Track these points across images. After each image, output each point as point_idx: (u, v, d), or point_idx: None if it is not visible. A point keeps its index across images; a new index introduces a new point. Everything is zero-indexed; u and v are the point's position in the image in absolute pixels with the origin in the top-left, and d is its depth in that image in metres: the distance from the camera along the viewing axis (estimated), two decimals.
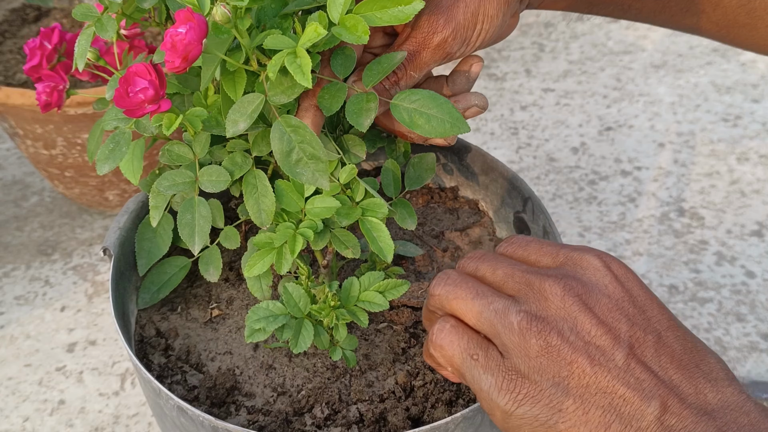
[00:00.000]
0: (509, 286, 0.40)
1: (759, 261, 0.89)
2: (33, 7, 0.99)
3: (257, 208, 0.49)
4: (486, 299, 0.39)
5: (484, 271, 0.42)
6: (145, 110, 0.43)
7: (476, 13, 0.47)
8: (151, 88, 0.42)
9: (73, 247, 0.92)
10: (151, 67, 0.42)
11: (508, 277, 0.40)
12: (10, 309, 0.85)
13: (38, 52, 0.52)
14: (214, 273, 0.55)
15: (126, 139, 0.48)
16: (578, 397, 0.36)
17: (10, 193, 0.99)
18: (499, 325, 0.38)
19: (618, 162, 1.03)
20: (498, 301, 0.39)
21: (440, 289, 0.41)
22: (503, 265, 0.41)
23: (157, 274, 0.58)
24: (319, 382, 0.53)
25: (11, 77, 0.88)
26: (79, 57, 0.47)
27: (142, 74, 0.42)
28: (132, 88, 0.42)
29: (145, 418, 0.74)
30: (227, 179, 0.49)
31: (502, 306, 0.38)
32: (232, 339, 0.57)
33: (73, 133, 0.82)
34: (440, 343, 0.40)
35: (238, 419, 0.52)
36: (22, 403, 0.75)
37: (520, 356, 0.37)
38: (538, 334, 0.37)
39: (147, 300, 0.58)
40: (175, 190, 0.50)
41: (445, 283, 0.41)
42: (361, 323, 0.51)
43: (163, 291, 0.58)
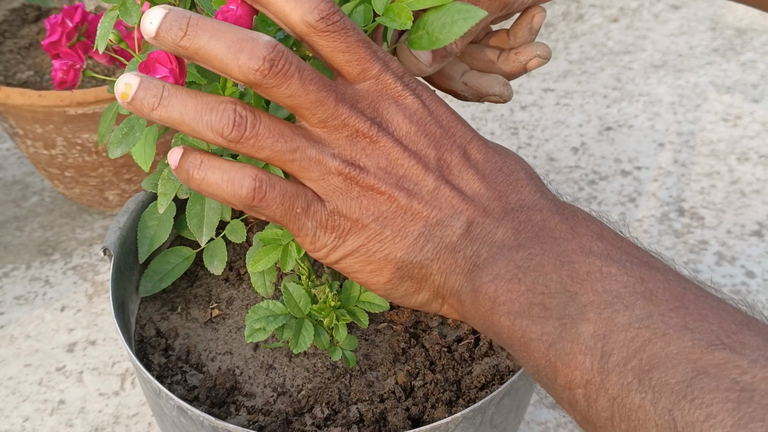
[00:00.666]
0: (317, 116, 0.38)
1: (759, 261, 0.89)
2: (33, 7, 0.99)
3: None
4: (295, 143, 0.38)
5: (295, 89, 0.37)
6: None
7: None
8: (171, 76, 0.42)
9: (73, 247, 0.92)
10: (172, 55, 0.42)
11: (319, 103, 0.38)
12: (10, 309, 0.85)
13: (59, 28, 0.51)
14: (218, 265, 0.55)
15: (141, 125, 0.48)
16: (395, 226, 0.39)
17: (10, 193, 0.99)
18: (317, 172, 0.39)
19: (618, 162, 1.03)
20: (309, 146, 0.38)
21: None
22: (314, 82, 0.37)
23: (161, 263, 0.57)
24: (319, 382, 0.54)
25: (11, 77, 0.88)
26: (100, 39, 0.46)
27: (162, 61, 0.42)
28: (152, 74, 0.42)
29: (145, 418, 0.74)
30: None
31: (315, 152, 0.38)
32: (232, 339, 0.57)
33: (73, 133, 0.82)
34: (262, 205, 0.39)
35: (238, 419, 0.52)
36: (22, 403, 0.75)
37: (341, 199, 0.39)
38: (357, 178, 0.38)
39: (149, 288, 0.57)
40: None
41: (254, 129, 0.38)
42: (361, 324, 0.51)
43: (165, 280, 0.57)
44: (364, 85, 0.39)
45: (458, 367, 0.54)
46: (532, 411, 0.74)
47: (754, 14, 1.30)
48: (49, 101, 0.77)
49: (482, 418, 0.48)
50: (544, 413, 0.74)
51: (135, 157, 0.50)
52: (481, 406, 0.46)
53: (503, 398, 0.48)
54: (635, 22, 1.30)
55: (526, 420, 0.74)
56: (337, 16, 0.37)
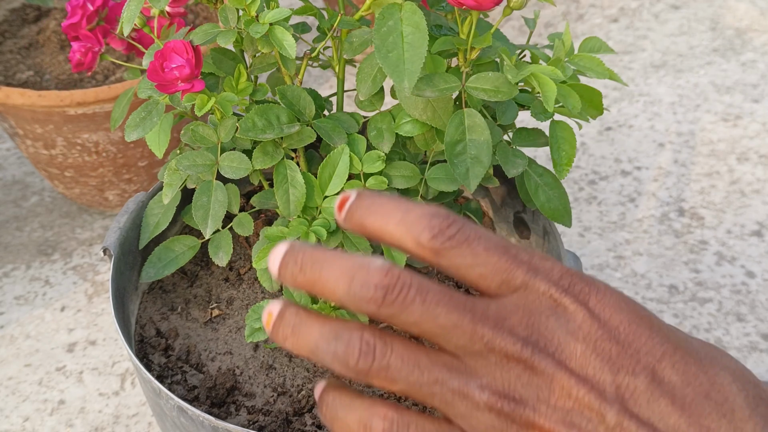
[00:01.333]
0: (453, 342, 0.31)
1: (759, 261, 0.89)
2: (33, 7, 0.99)
3: (287, 199, 0.49)
4: (434, 374, 0.32)
5: (413, 317, 0.31)
6: (177, 87, 0.43)
7: None
8: (187, 66, 0.42)
9: (73, 247, 0.92)
10: (189, 45, 0.42)
11: (453, 328, 0.31)
12: (10, 309, 0.85)
13: (80, 11, 0.51)
14: (223, 257, 0.55)
15: (159, 110, 0.48)
16: None
17: (9, 193, 0.99)
18: (464, 408, 0.32)
19: (618, 162, 1.03)
20: (450, 377, 0.31)
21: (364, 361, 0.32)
22: (442, 304, 0.31)
23: (165, 250, 0.57)
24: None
25: (11, 77, 0.88)
26: (126, 21, 0.46)
27: (179, 51, 0.42)
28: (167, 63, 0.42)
29: (145, 418, 0.74)
30: (248, 167, 0.49)
31: (458, 384, 0.31)
32: (232, 339, 0.57)
33: (73, 133, 0.82)
34: None
35: (238, 419, 0.52)
36: (22, 403, 0.75)
37: None
38: (513, 413, 0.31)
39: (151, 274, 0.57)
40: (194, 171, 0.50)
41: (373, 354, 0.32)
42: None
43: (168, 267, 0.57)
44: (512, 299, 0.32)
45: None
46: None
47: (754, 14, 1.30)
48: (49, 101, 0.77)
49: None
50: None
51: (149, 143, 0.50)
52: None
53: None
54: (635, 22, 1.30)
55: None
56: (453, 228, 0.32)
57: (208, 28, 0.47)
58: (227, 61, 0.50)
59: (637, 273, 0.88)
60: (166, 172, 0.52)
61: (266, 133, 0.46)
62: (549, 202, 0.50)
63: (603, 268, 0.88)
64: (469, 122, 0.45)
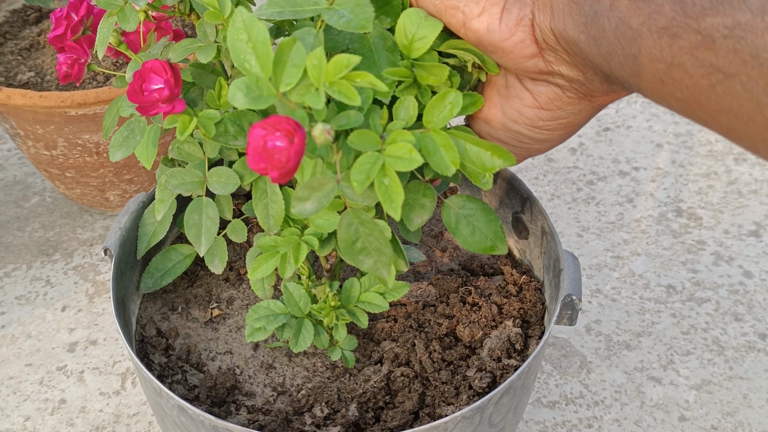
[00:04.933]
0: None
1: (756, 261, 0.89)
2: (34, 9, 0.99)
3: (266, 214, 0.49)
4: None
5: None
6: (158, 109, 0.42)
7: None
8: (166, 88, 0.41)
9: (74, 247, 0.92)
10: (167, 64, 0.42)
11: None
12: (11, 309, 0.85)
13: (64, 22, 0.50)
14: (218, 265, 0.55)
15: (141, 128, 0.47)
16: None
17: (11, 193, 1.00)
18: None
19: (616, 162, 1.04)
20: None
21: None
22: None
23: (162, 260, 0.57)
24: (318, 381, 0.54)
25: (12, 78, 0.89)
26: (99, 44, 0.46)
27: (157, 71, 0.41)
28: (147, 85, 0.42)
29: (145, 418, 0.74)
30: (236, 182, 0.49)
31: None
32: (233, 339, 0.57)
33: (74, 133, 0.82)
34: None
35: (238, 418, 0.52)
36: (23, 403, 0.76)
37: None
38: None
39: (149, 285, 0.57)
40: (183, 190, 0.50)
41: None
42: (361, 324, 0.52)
43: (166, 278, 0.57)
44: None
45: (457, 367, 0.55)
46: (531, 410, 0.75)
47: None
48: (50, 102, 0.77)
49: (481, 417, 0.48)
50: (543, 412, 0.75)
51: (138, 155, 0.49)
52: (480, 405, 0.47)
53: (502, 397, 0.48)
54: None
55: (524, 419, 0.74)
56: None
57: (186, 44, 0.46)
58: (207, 75, 0.49)
59: (635, 273, 0.88)
60: (157, 188, 0.52)
61: (237, 140, 0.45)
62: (473, 235, 0.45)
63: (601, 268, 0.89)
64: (358, 220, 0.42)
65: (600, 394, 0.76)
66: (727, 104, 0.31)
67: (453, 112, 0.40)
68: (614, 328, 0.82)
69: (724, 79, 0.30)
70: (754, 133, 0.31)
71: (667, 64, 0.32)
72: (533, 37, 0.38)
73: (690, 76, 0.32)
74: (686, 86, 0.32)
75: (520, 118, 0.41)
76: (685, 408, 0.75)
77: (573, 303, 0.52)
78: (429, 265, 0.63)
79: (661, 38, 0.32)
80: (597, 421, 0.74)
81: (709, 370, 0.78)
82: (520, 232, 0.63)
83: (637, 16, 0.33)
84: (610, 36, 0.34)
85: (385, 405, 0.53)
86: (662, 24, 0.32)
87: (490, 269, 0.63)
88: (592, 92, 0.39)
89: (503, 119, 0.42)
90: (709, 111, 0.32)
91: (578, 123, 0.42)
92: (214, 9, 0.41)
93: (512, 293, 0.60)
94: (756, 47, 0.29)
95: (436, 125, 0.41)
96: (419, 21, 0.40)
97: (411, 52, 0.41)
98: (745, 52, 0.29)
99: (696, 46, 0.31)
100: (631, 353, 0.80)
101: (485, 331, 0.56)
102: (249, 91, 0.36)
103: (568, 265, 0.54)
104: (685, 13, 0.31)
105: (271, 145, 0.33)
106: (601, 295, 0.86)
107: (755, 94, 0.30)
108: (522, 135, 0.42)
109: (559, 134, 0.42)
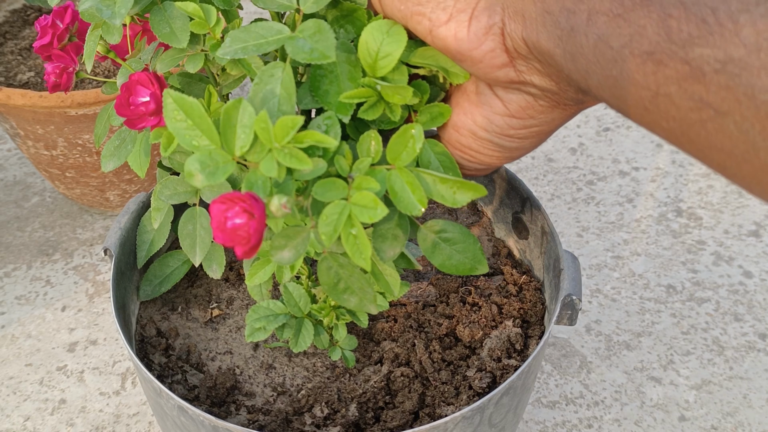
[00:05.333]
0: None
1: (756, 261, 0.89)
2: (34, 9, 0.99)
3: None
4: None
5: None
6: (146, 122, 0.42)
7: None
8: (152, 101, 0.41)
9: (74, 247, 0.92)
10: (153, 76, 0.41)
11: None
12: (11, 309, 0.85)
13: (50, 30, 0.49)
14: (216, 270, 0.55)
15: (132, 137, 0.47)
16: None
17: (11, 193, 1.00)
18: None
19: (616, 162, 1.04)
20: None
21: None
22: None
23: (160, 267, 0.57)
24: (318, 381, 0.54)
25: (12, 78, 0.89)
26: (87, 57, 0.45)
27: (144, 83, 0.41)
28: (134, 98, 0.41)
29: (145, 418, 0.74)
30: (229, 189, 0.49)
31: None
32: (233, 339, 0.57)
33: (74, 133, 0.82)
34: None
35: (238, 419, 0.52)
36: (23, 403, 0.76)
37: None
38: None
39: (148, 293, 0.57)
40: (176, 200, 0.49)
41: None
42: (361, 324, 0.52)
43: (164, 285, 0.57)
44: None
45: (457, 367, 0.55)
46: (531, 410, 0.75)
47: None
48: (50, 102, 0.78)
49: (481, 417, 0.48)
50: (543, 412, 0.75)
51: (131, 164, 0.49)
52: (480, 405, 0.47)
53: (502, 398, 0.48)
54: None
55: (524, 419, 0.74)
56: None
57: (173, 53, 0.45)
58: (195, 83, 0.49)
59: (635, 273, 0.88)
60: (152, 197, 0.52)
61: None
62: (450, 260, 0.43)
63: (601, 268, 0.89)
64: (337, 264, 0.42)
65: (600, 394, 0.76)
66: (719, 142, 0.29)
67: (416, 147, 0.39)
68: (614, 328, 0.82)
69: (715, 116, 0.28)
70: (748, 174, 0.29)
71: (652, 92, 0.30)
72: (504, 46, 0.36)
73: (678, 108, 0.29)
74: (673, 118, 0.30)
75: (490, 127, 0.40)
76: (685, 408, 0.75)
77: (573, 303, 0.52)
78: (429, 264, 0.63)
79: (645, 64, 0.30)
80: (597, 421, 0.74)
81: (709, 370, 0.78)
82: (520, 232, 0.63)
83: (617, 36, 0.30)
84: (588, 54, 0.32)
85: (385, 405, 0.53)
86: (646, 48, 0.29)
87: (490, 269, 0.63)
88: (566, 102, 0.37)
89: (473, 127, 0.40)
90: (698, 146, 0.30)
91: (550, 130, 0.40)
92: (199, 19, 0.41)
93: (512, 293, 0.60)
94: (752, 87, 0.26)
95: (401, 162, 0.39)
96: (382, 37, 0.38)
97: (376, 71, 0.39)
98: (739, 91, 0.27)
99: (684, 77, 0.28)
100: (631, 353, 0.80)
101: (485, 331, 0.56)
102: (204, 166, 0.35)
103: (568, 265, 0.54)
104: (670, 38, 0.29)
105: (231, 225, 0.33)
106: (601, 295, 0.86)
107: (751, 136, 0.27)
108: (492, 143, 0.41)
109: (530, 142, 0.41)
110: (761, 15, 0.26)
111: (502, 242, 0.65)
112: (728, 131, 0.28)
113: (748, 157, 0.28)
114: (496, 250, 0.64)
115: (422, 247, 0.43)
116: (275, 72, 0.38)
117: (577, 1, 0.32)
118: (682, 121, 0.30)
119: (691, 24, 0.28)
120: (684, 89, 0.29)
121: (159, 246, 0.57)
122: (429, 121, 0.41)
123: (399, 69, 0.40)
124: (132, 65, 0.47)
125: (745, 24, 0.26)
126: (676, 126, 0.30)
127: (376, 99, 0.40)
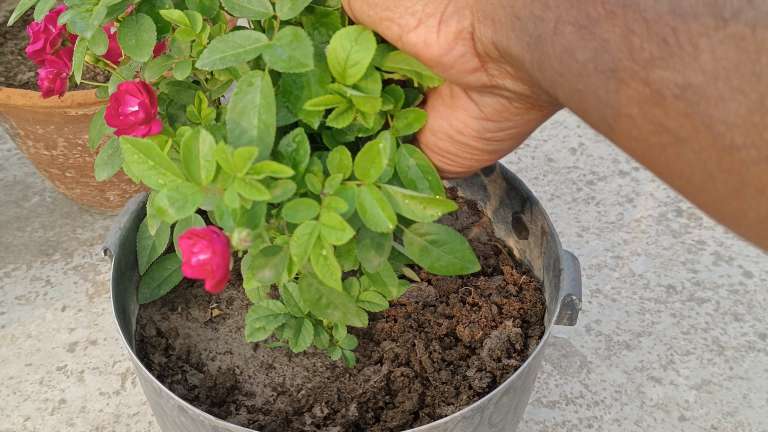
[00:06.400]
0: None
1: (756, 261, 0.89)
2: (34, 9, 0.99)
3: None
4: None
5: None
6: (136, 131, 0.42)
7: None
8: (141, 110, 0.41)
9: (74, 247, 0.92)
10: (141, 86, 0.42)
11: None
12: (11, 309, 0.85)
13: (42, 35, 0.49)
14: None
15: None
16: None
17: (11, 193, 1.00)
18: None
19: (616, 162, 1.04)
20: None
21: None
22: None
23: (158, 270, 0.58)
24: (318, 381, 0.54)
25: (12, 78, 0.89)
26: (76, 69, 0.46)
27: (132, 92, 0.41)
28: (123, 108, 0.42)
29: (145, 418, 0.74)
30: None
31: None
32: (232, 339, 0.57)
33: (74, 133, 0.82)
34: None
35: (238, 418, 0.52)
36: (23, 403, 0.76)
37: None
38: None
39: (147, 296, 0.58)
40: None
41: None
42: (361, 323, 0.52)
43: (163, 287, 0.58)
44: None
45: (457, 367, 0.55)
46: (531, 410, 0.75)
47: None
48: (50, 102, 0.78)
49: (481, 417, 0.48)
50: (543, 412, 0.75)
51: (126, 171, 0.49)
52: (480, 405, 0.47)
53: (502, 397, 0.48)
54: None
55: (524, 419, 0.74)
56: None
57: (161, 61, 0.45)
58: (184, 91, 0.48)
59: (635, 273, 0.88)
60: (147, 204, 0.52)
61: None
62: (439, 261, 0.43)
63: (601, 268, 0.89)
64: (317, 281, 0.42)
65: (600, 394, 0.76)
66: (678, 168, 0.28)
67: (382, 164, 0.38)
68: (614, 328, 0.82)
69: (675, 142, 0.27)
70: (706, 203, 0.28)
71: (615, 111, 0.29)
72: (474, 50, 0.35)
73: (640, 130, 0.29)
74: (636, 139, 0.29)
75: (467, 130, 0.39)
76: (685, 408, 0.75)
77: (573, 303, 0.52)
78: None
79: (609, 81, 0.29)
80: (597, 421, 0.74)
81: (709, 370, 0.78)
82: (520, 232, 0.63)
83: (582, 49, 0.29)
84: (555, 64, 0.31)
85: (385, 405, 0.53)
86: (609, 65, 0.29)
87: (490, 269, 0.63)
88: (540, 104, 0.37)
89: (449, 131, 0.40)
90: (660, 169, 0.29)
91: (528, 131, 0.40)
92: (185, 26, 0.41)
93: (512, 293, 0.60)
94: (710, 117, 0.26)
95: (370, 179, 0.39)
96: (350, 45, 0.38)
97: (346, 79, 0.38)
98: (697, 120, 0.26)
99: (645, 99, 0.28)
100: (631, 353, 0.80)
101: (485, 331, 0.56)
102: (173, 201, 0.35)
103: (568, 265, 0.54)
104: (632, 56, 0.28)
105: (195, 261, 0.34)
106: (601, 295, 0.86)
107: (708, 166, 0.27)
108: (470, 147, 0.40)
109: (508, 144, 0.40)
110: (720, 41, 0.25)
111: (502, 242, 0.65)
112: (687, 159, 0.27)
113: (706, 186, 0.27)
114: (496, 250, 0.64)
115: (410, 252, 0.43)
116: (254, 81, 0.38)
117: (544, 8, 0.31)
118: (644, 143, 0.29)
119: (652, 43, 0.27)
120: (645, 112, 0.28)
121: (160, 251, 0.57)
122: (405, 126, 0.41)
123: (372, 76, 0.39)
124: (123, 73, 0.47)
125: (704, 49, 0.26)
126: (639, 147, 0.29)
127: (347, 106, 0.40)
